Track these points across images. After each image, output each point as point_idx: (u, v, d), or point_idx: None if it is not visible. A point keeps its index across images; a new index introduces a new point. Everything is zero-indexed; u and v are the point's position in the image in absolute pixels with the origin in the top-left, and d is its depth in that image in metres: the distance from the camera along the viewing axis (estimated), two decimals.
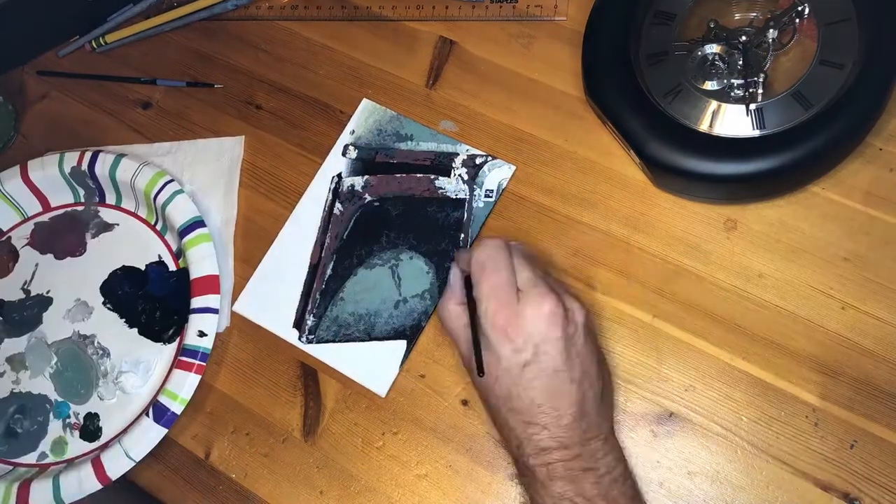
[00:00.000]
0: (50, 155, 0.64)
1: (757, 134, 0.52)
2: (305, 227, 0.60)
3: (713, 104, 0.53)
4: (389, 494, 0.53)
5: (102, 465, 0.54)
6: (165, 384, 0.55)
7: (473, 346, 0.47)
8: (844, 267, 0.51)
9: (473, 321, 0.48)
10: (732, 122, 0.53)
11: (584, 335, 0.47)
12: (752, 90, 0.53)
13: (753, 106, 0.53)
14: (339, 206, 0.60)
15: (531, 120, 0.60)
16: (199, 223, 0.59)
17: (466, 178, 0.59)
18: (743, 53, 0.54)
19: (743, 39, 0.54)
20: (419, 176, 0.60)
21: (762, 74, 0.53)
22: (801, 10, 0.54)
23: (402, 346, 0.55)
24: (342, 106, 0.63)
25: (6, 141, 0.69)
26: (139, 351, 0.59)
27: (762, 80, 0.53)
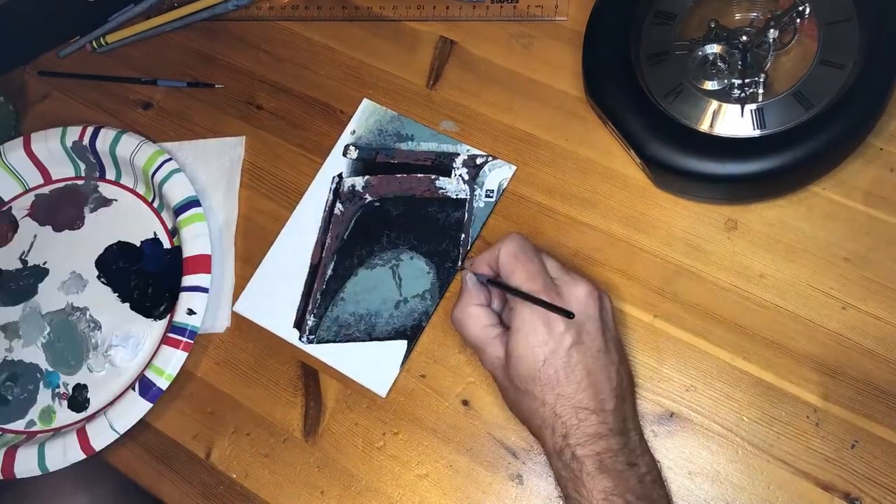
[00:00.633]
0: (53, 129, 0.65)
1: (757, 134, 0.52)
2: (306, 227, 0.60)
3: (714, 104, 0.53)
4: (390, 494, 0.53)
5: (87, 435, 0.55)
6: (153, 360, 0.56)
7: (541, 305, 0.45)
8: (845, 267, 0.51)
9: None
10: (733, 122, 0.53)
11: (612, 320, 0.48)
12: (752, 90, 0.53)
13: (754, 106, 0.53)
14: (339, 206, 0.60)
15: (532, 120, 0.60)
16: (194, 202, 0.60)
17: (467, 178, 0.59)
18: (743, 53, 0.54)
19: (743, 39, 0.54)
20: (420, 176, 0.60)
21: (763, 74, 0.53)
22: (801, 9, 0.54)
23: (402, 346, 0.55)
24: (343, 106, 0.63)
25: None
26: (130, 325, 0.60)
27: (763, 80, 0.53)
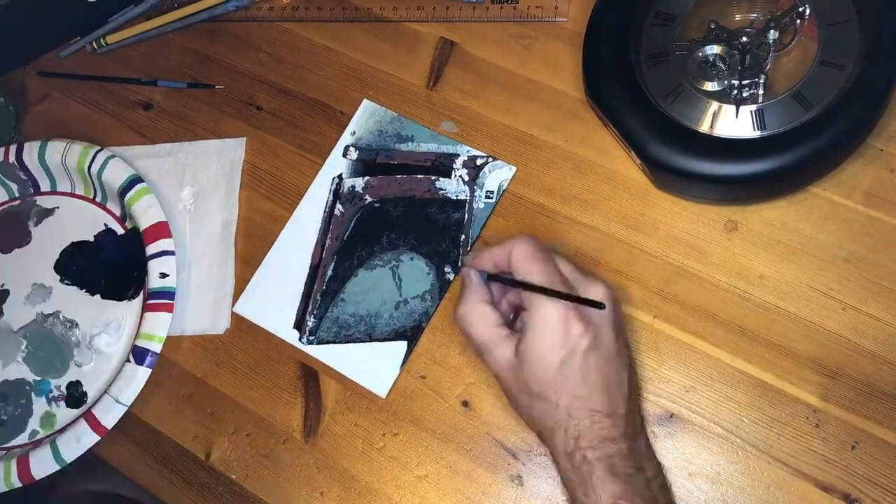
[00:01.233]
0: None
1: (757, 135, 0.52)
2: (306, 228, 0.60)
3: (714, 105, 0.53)
4: (390, 495, 0.53)
5: (96, 417, 0.55)
6: (140, 329, 0.57)
7: (569, 299, 0.45)
8: (845, 268, 0.51)
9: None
10: (733, 122, 0.53)
11: (622, 324, 0.48)
12: (752, 91, 0.53)
13: (754, 107, 0.53)
14: (339, 207, 0.60)
15: (531, 121, 0.59)
16: (137, 180, 0.61)
17: (467, 179, 0.59)
18: (743, 54, 0.54)
19: (743, 40, 0.54)
20: (420, 177, 0.60)
21: (763, 75, 0.53)
22: (801, 10, 0.54)
23: (402, 346, 0.55)
24: (343, 107, 0.63)
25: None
26: (107, 312, 0.61)
27: (763, 81, 0.53)
